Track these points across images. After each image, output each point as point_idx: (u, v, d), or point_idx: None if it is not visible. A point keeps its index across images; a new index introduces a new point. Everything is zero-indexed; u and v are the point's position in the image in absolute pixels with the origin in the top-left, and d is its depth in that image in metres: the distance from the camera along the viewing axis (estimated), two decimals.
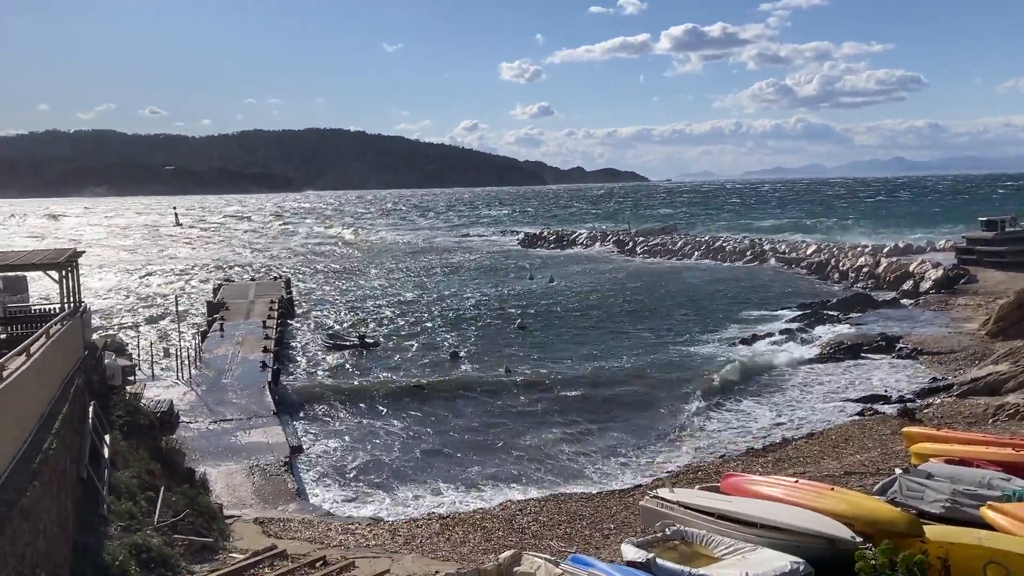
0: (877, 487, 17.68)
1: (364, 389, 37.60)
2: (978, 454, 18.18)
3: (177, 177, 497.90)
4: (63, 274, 22.81)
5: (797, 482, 17.19)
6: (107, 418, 21.04)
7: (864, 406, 32.38)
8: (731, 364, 39.13)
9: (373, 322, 56.46)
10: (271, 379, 35.77)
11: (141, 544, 14.87)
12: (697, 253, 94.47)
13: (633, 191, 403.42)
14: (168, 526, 16.96)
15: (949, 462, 17.64)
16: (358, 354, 44.72)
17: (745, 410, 33.41)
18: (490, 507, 23.36)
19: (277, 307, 53.09)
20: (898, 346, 42.04)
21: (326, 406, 35.00)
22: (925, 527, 14.00)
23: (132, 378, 29.10)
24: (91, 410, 19.01)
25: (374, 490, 25.69)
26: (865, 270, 70.50)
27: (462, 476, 26.81)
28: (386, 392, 37.14)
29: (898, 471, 17.55)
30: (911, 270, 63.64)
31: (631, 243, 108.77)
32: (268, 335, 44.13)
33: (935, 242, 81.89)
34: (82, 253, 25.23)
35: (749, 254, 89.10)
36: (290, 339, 49.04)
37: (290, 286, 67.36)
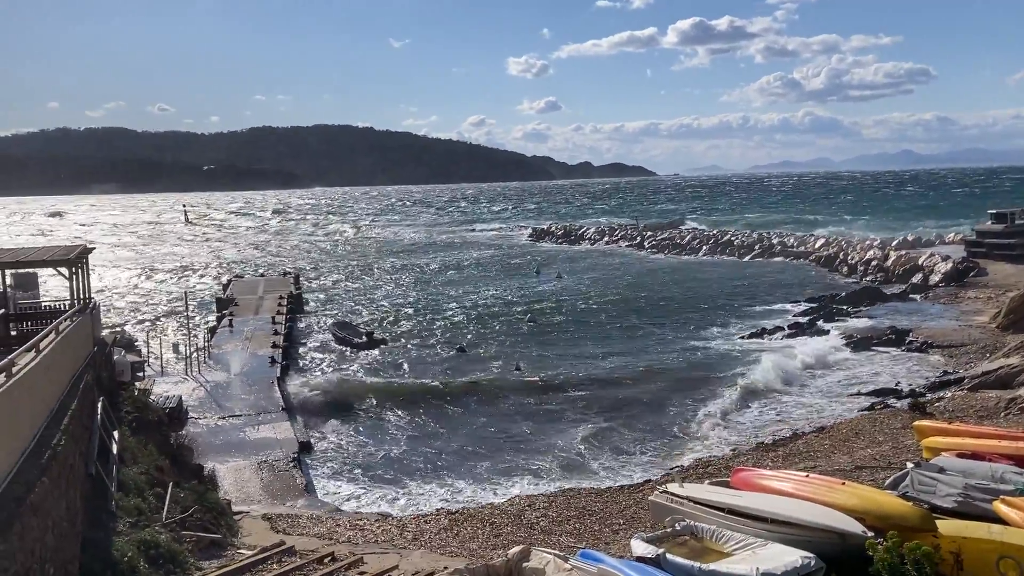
0: (888, 481, 17.54)
1: (372, 385, 37.60)
2: (990, 448, 18.03)
3: (188, 174, 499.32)
4: (73, 271, 22.87)
5: (808, 476, 17.09)
6: (116, 414, 21.08)
7: (875, 400, 32.21)
8: (760, 367, 37.81)
9: (381, 318, 56.47)
10: (280, 375, 35.84)
11: (149, 540, 14.87)
12: (705, 247, 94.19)
13: (640, 185, 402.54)
14: (176, 522, 16.97)
15: (961, 456, 17.50)
16: (366, 350, 44.72)
17: (755, 405, 33.26)
18: (499, 503, 23.32)
19: (286, 303, 53.19)
20: (908, 339, 41.83)
21: (334, 402, 34.98)
22: (937, 521, 13.90)
23: (141, 374, 29.23)
24: (100, 406, 19.05)
25: (383, 486, 25.69)
26: (874, 263, 70.19)
27: (471, 472, 26.79)
28: (394, 388, 37.15)
29: (909, 465, 17.42)
30: (920, 263, 63.34)
31: (639, 238, 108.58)
32: (277, 331, 44.22)
33: (944, 235, 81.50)
34: (92, 250, 25.27)
35: (757, 248, 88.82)
36: (299, 335, 49.09)
37: (299, 282, 67.48)
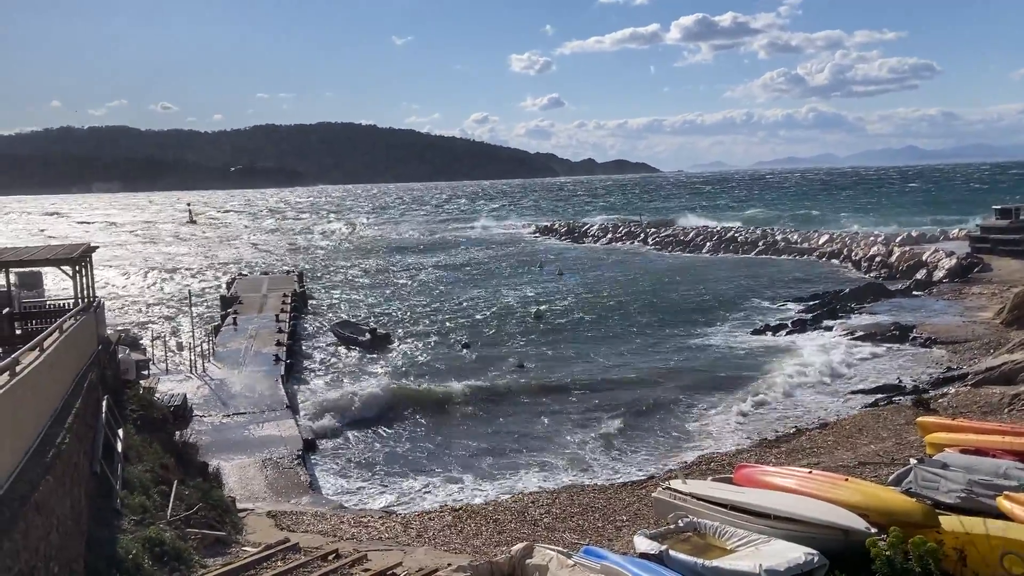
0: (892, 477, 17.55)
1: (377, 382, 37.68)
2: (994, 444, 18.02)
3: (190, 172, 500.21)
4: (76, 269, 22.92)
5: (811, 473, 17.09)
6: (121, 412, 21.14)
7: (878, 396, 32.16)
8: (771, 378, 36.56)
9: (384, 315, 56.54)
10: (284, 373, 35.90)
11: (154, 538, 14.91)
12: (709, 244, 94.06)
13: (643, 182, 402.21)
14: (181, 520, 17.01)
15: (964, 452, 17.50)
16: (369, 347, 44.76)
17: (757, 401, 33.23)
18: (502, 499, 23.35)
19: (290, 301, 53.27)
20: (912, 335, 41.76)
21: (339, 399, 35.05)
22: (941, 518, 13.89)
23: (146, 372, 29.26)
24: (104, 404, 19.10)
25: (387, 483, 25.74)
26: (878, 259, 70.06)
27: (475, 468, 26.82)
28: (398, 386, 37.19)
29: (913, 461, 17.43)
30: (924, 259, 63.23)
31: (642, 235, 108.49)
32: (281, 329, 44.27)
33: (948, 231, 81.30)
34: (95, 248, 25.31)
35: (761, 244, 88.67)
36: (303, 333, 49.17)
37: (303, 279, 67.57)
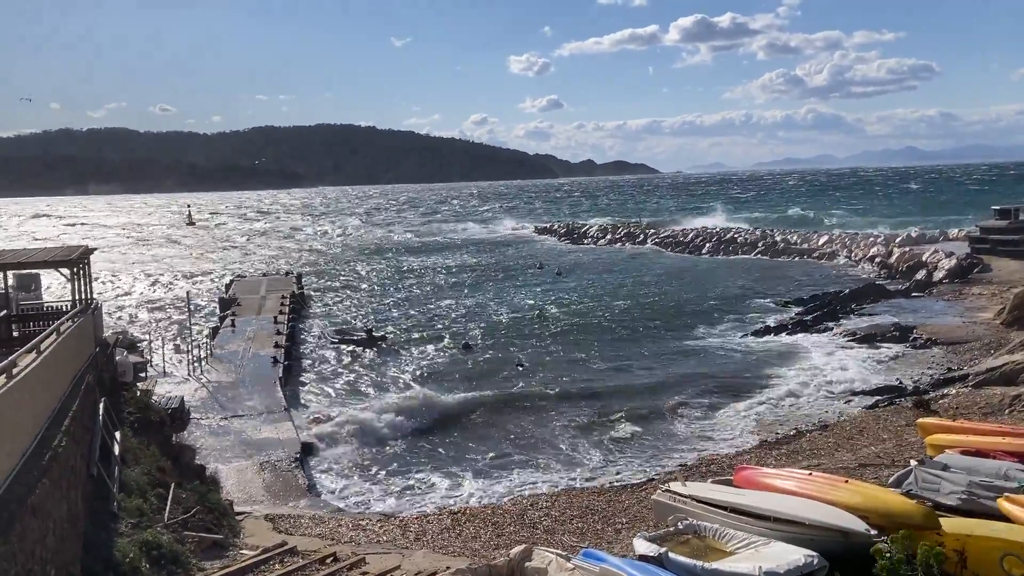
0: (892, 479, 17.50)
1: (375, 383, 37.70)
2: (994, 445, 17.97)
3: (190, 174, 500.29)
4: (74, 271, 22.86)
5: (810, 474, 17.04)
6: (118, 415, 21.06)
7: (878, 397, 32.12)
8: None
9: (381, 316, 56.49)
10: (282, 375, 35.84)
11: (151, 541, 14.85)
12: (708, 245, 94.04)
13: (643, 183, 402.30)
14: (179, 523, 16.95)
15: (965, 453, 17.45)
16: (367, 348, 44.71)
17: (757, 402, 33.20)
18: (501, 502, 23.32)
19: (289, 302, 53.22)
20: (912, 336, 41.71)
21: (337, 401, 35.05)
22: (941, 519, 13.85)
23: (143, 375, 29.16)
24: (102, 407, 19.03)
25: (385, 486, 25.67)
26: (878, 260, 70.07)
27: (474, 471, 26.76)
28: (397, 386, 37.20)
29: (913, 463, 17.39)
30: (924, 259, 63.20)
31: (641, 235, 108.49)
32: (280, 331, 44.21)
33: (948, 231, 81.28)
34: (93, 250, 25.22)
35: (760, 245, 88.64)
36: (302, 334, 49.11)
37: (301, 281, 67.56)
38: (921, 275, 60.39)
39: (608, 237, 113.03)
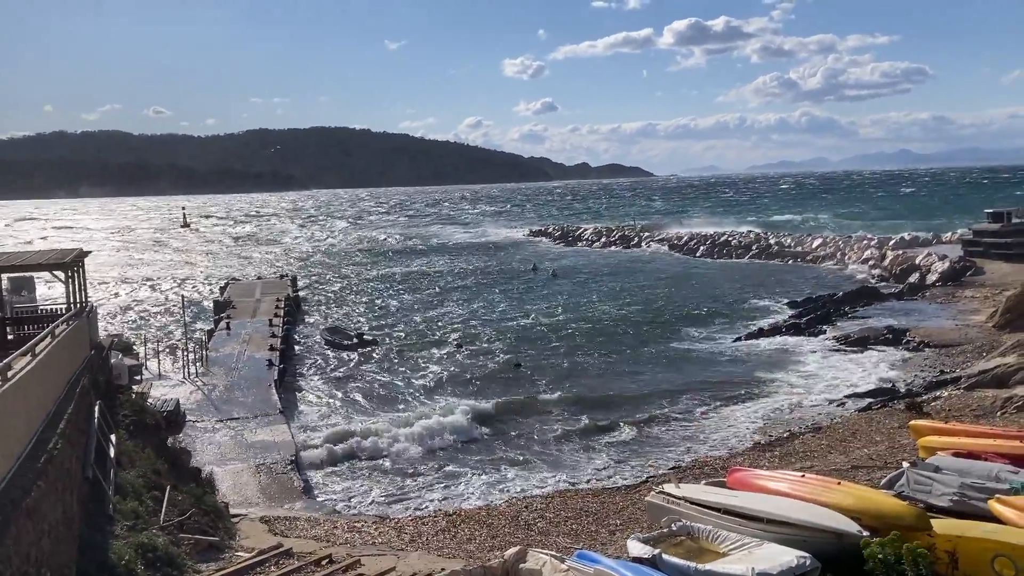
0: (884, 481, 17.60)
1: (368, 387, 37.71)
2: (986, 447, 18.10)
3: (183, 177, 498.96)
4: (69, 274, 22.88)
5: (803, 476, 17.14)
6: (113, 417, 21.09)
7: (871, 399, 32.22)
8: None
9: (375, 319, 56.48)
10: (277, 377, 35.82)
11: (147, 543, 14.88)
12: (702, 248, 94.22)
13: (638, 186, 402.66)
14: (174, 525, 16.98)
15: (957, 455, 17.57)
16: (361, 352, 44.68)
17: (751, 405, 33.29)
18: (496, 504, 23.36)
19: (283, 305, 53.18)
20: (905, 339, 41.87)
21: (332, 404, 35.07)
22: (933, 521, 13.95)
23: (139, 377, 29.18)
24: (97, 409, 19.06)
25: (380, 488, 25.69)
26: (871, 263, 70.29)
27: (468, 473, 26.80)
28: (390, 389, 37.23)
29: (905, 464, 17.48)
30: (917, 262, 63.40)
31: (636, 238, 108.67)
32: (275, 333, 44.15)
33: (941, 234, 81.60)
34: (88, 253, 25.24)
35: (755, 248, 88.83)
36: (297, 337, 49.08)
37: (296, 284, 67.50)
38: (914, 278, 60.60)
39: (603, 240, 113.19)
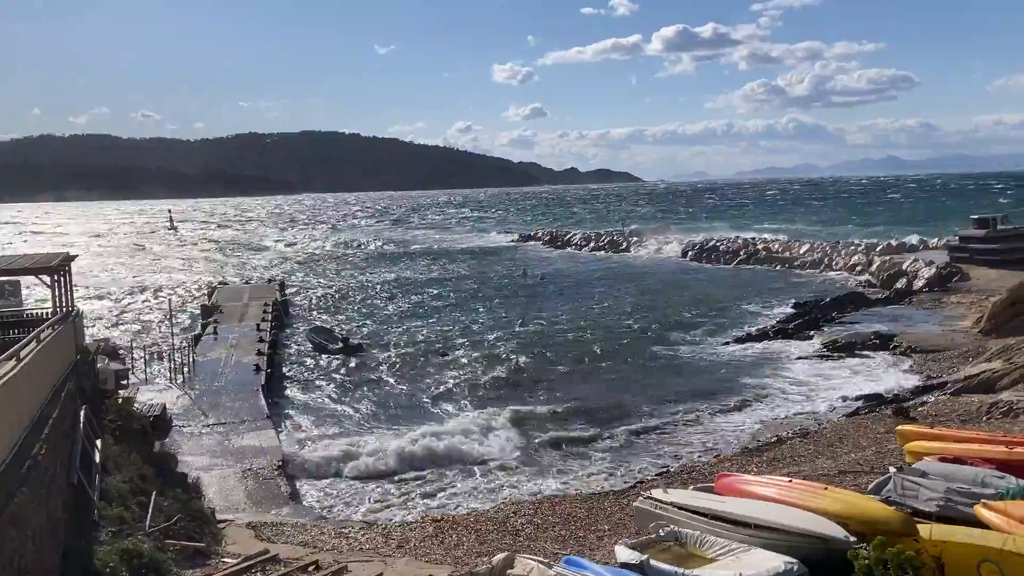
0: (871, 486, 17.67)
1: (355, 392, 37.62)
2: (972, 452, 18.20)
3: (172, 181, 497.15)
4: (55, 279, 22.73)
5: (791, 482, 17.19)
6: (99, 423, 20.96)
7: (859, 405, 32.37)
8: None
9: (360, 324, 56.34)
10: (265, 382, 35.70)
11: (132, 549, 14.78)
12: (691, 253, 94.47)
13: (626, 191, 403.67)
14: (160, 531, 16.88)
15: (943, 460, 17.66)
16: (347, 357, 44.52)
17: (738, 410, 33.35)
18: (484, 509, 23.30)
19: (271, 310, 53.03)
20: (892, 344, 42.03)
21: (319, 409, 34.97)
22: (919, 526, 14.00)
23: (125, 382, 28.99)
24: (83, 415, 18.93)
25: (368, 494, 25.63)
26: (858, 268, 70.60)
27: (456, 478, 26.76)
28: (377, 395, 37.15)
29: (892, 470, 17.55)
30: (904, 268, 63.70)
31: (624, 243, 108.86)
32: (262, 338, 44.02)
33: (928, 240, 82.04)
34: (75, 258, 25.10)
35: (742, 253, 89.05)
36: (284, 342, 48.91)
37: (284, 289, 67.34)
38: (901, 284, 60.90)
39: (592, 244, 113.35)
